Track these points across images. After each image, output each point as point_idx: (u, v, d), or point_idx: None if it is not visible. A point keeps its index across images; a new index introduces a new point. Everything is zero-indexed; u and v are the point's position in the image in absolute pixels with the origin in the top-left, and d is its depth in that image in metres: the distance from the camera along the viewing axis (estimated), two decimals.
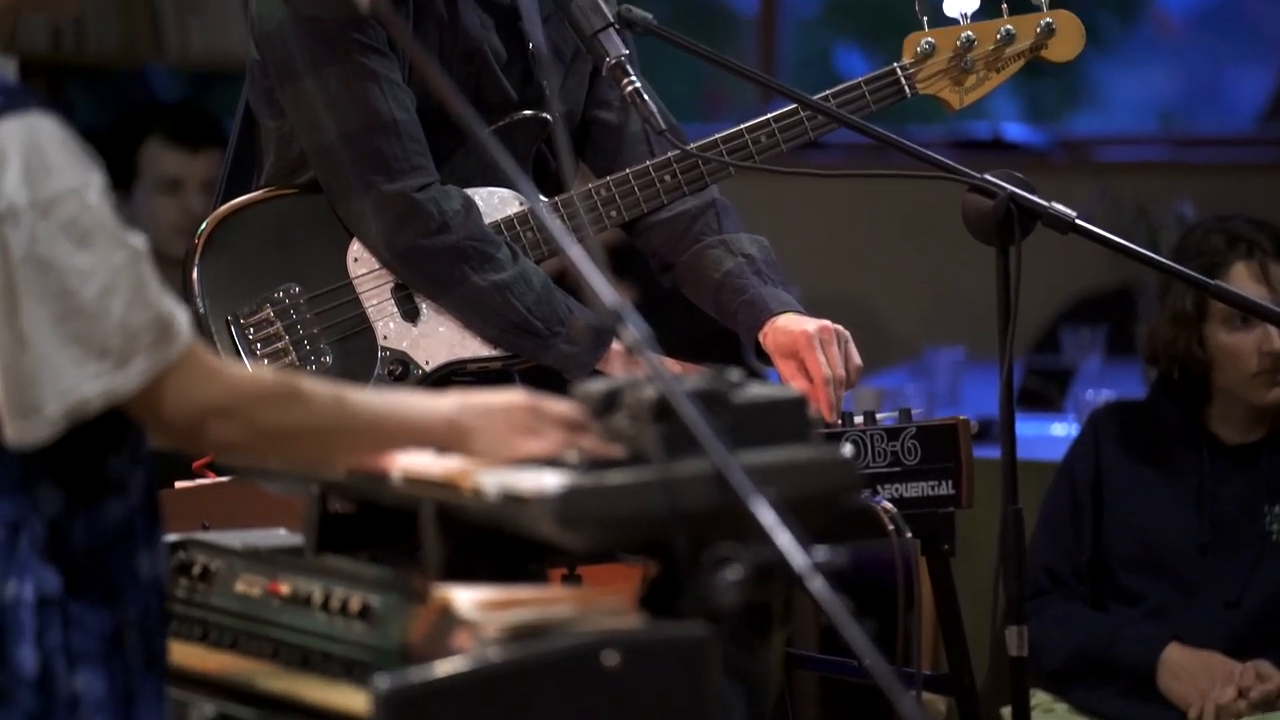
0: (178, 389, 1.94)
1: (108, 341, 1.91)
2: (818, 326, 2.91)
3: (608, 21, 2.89)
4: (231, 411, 1.96)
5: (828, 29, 6.71)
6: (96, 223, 1.91)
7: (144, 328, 1.92)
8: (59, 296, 1.90)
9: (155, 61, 5.80)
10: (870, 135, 2.92)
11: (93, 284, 1.91)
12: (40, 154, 1.90)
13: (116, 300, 1.91)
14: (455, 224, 2.93)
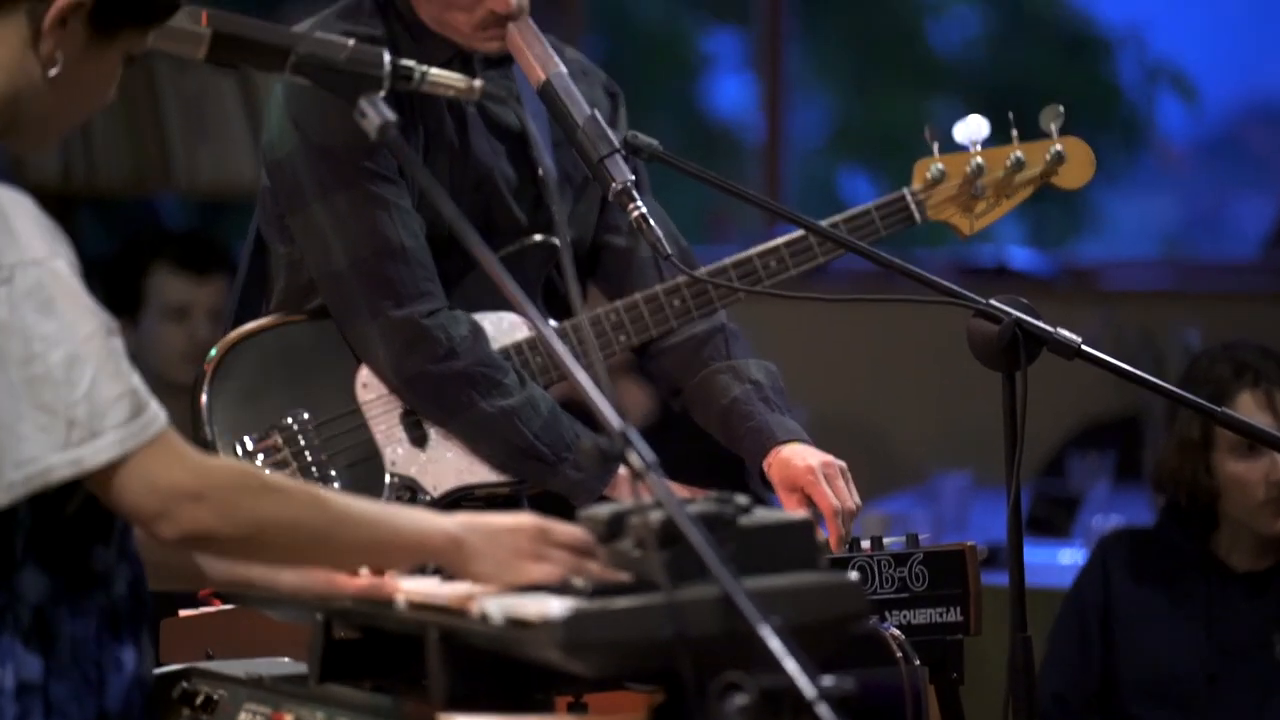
0: (147, 469, 1.92)
1: (75, 412, 1.90)
2: (821, 461, 2.91)
3: (613, 148, 2.91)
4: (203, 496, 1.93)
5: (832, 157, 6.76)
6: (63, 292, 1.91)
7: (114, 402, 1.91)
8: (24, 361, 1.90)
9: (164, 190, 5.83)
10: (877, 262, 2.92)
11: (58, 351, 1.90)
12: (6, 222, 1.91)
13: (84, 370, 1.90)
14: (463, 350, 2.93)
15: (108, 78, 2.05)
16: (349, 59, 2.17)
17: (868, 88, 6.67)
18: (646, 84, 6.45)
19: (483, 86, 2.19)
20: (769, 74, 6.19)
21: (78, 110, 2.06)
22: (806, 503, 2.91)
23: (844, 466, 2.93)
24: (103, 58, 2.03)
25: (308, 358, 3.00)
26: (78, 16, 2.00)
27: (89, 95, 2.05)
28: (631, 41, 6.59)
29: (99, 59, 2.03)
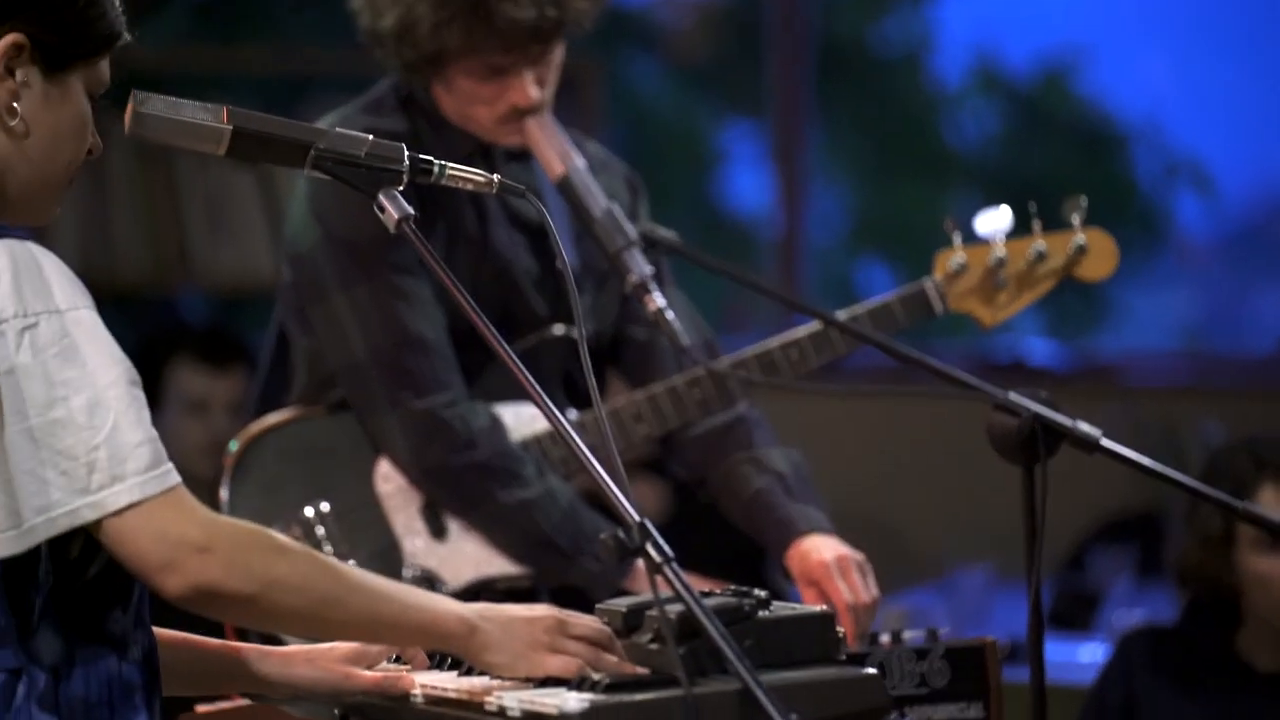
0: (160, 519, 1.92)
1: (96, 456, 1.91)
2: (836, 555, 2.90)
3: (631, 240, 2.92)
4: (211, 549, 1.93)
5: (849, 249, 6.77)
6: (87, 339, 1.92)
7: (134, 449, 1.92)
8: (46, 406, 1.91)
9: (183, 286, 5.86)
10: (896, 355, 2.92)
11: (80, 397, 1.91)
12: (31, 271, 1.93)
13: (105, 416, 1.91)
14: (482, 441, 2.93)
15: (79, 120, 2.05)
16: (369, 154, 2.18)
17: (885, 181, 6.69)
18: (664, 176, 6.47)
19: (500, 180, 2.20)
20: (786, 166, 6.22)
21: (60, 162, 2.05)
22: (823, 597, 2.90)
23: (862, 560, 2.92)
24: (65, 99, 2.03)
25: (327, 450, 3.01)
26: (22, 61, 2.01)
27: (65, 142, 2.05)
28: (649, 134, 6.62)
29: (61, 100, 2.03)
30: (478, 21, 2.89)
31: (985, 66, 6.52)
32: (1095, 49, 6.39)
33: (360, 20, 2.97)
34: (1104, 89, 6.45)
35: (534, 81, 2.95)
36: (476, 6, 2.89)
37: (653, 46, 6.59)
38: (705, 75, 6.63)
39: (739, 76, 6.50)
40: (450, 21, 2.89)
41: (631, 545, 1.98)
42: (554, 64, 2.98)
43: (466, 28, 2.89)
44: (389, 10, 2.93)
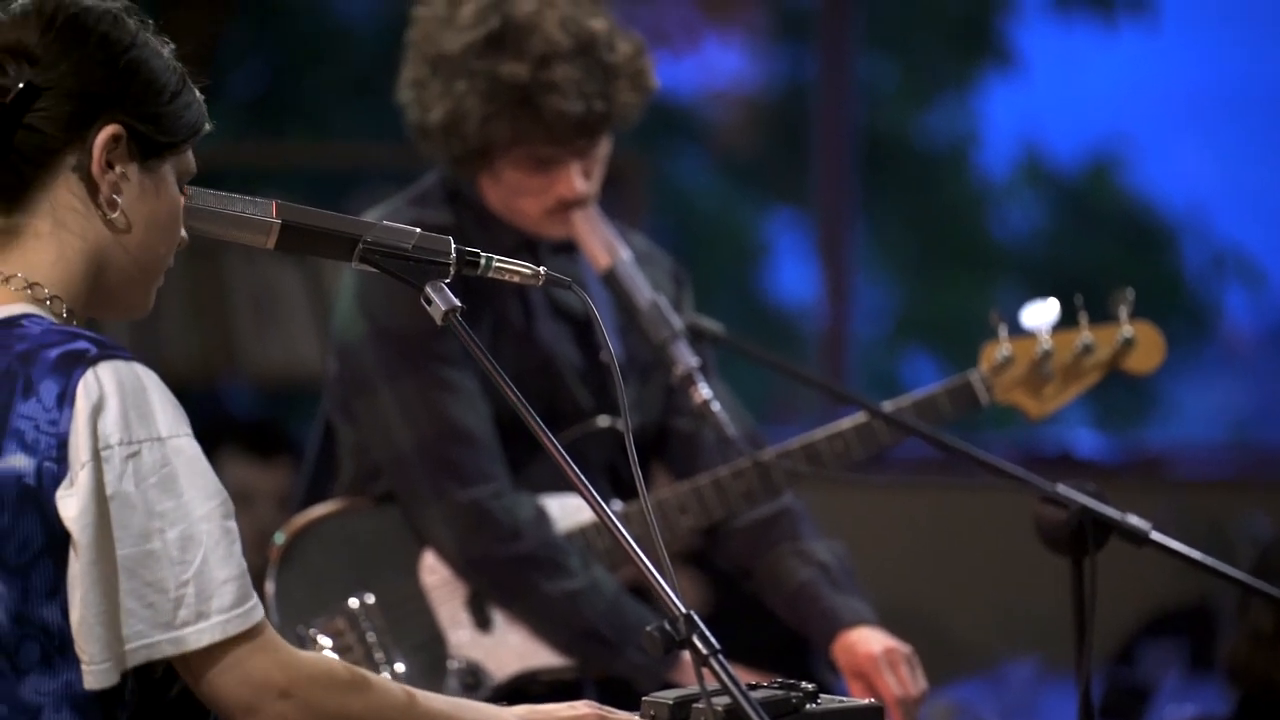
0: (242, 659, 1.94)
1: (184, 592, 1.92)
2: (884, 648, 2.88)
3: (676, 332, 2.92)
4: (290, 693, 1.94)
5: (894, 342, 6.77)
6: (186, 470, 1.93)
7: (221, 585, 1.93)
8: (141, 537, 1.92)
9: (229, 378, 5.88)
10: (943, 447, 2.91)
11: (175, 530, 1.92)
12: (137, 398, 1.93)
13: (197, 551, 1.93)
14: (526, 532, 2.93)
15: (174, 210, 2.07)
16: (416, 246, 2.18)
17: (930, 273, 6.69)
18: (709, 268, 6.48)
19: (546, 273, 2.20)
20: (831, 259, 6.22)
21: (158, 254, 2.06)
22: (870, 690, 2.88)
23: (910, 652, 2.90)
24: (160, 189, 2.05)
25: (372, 542, 3.01)
26: (119, 154, 2.02)
27: (162, 233, 2.06)
28: (694, 227, 6.64)
29: (157, 191, 2.05)
30: (525, 115, 2.91)
31: (1031, 160, 6.52)
32: (1140, 141, 6.40)
33: (408, 114, 2.99)
34: (1150, 181, 6.45)
35: (580, 174, 2.97)
36: (524, 100, 2.91)
37: (698, 140, 6.62)
38: (750, 168, 6.65)
39: (784, 169, 6.52)
40: (498, 115, 2.91)
41: (677, 637, 1.97)
42: (600, 157, 2.99)
43: (514, 121, 2.91)
44: (437, 104, 2.95)
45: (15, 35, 2.01)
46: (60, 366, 1.93)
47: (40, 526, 1.92)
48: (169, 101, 2.04)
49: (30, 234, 2.02)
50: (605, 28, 2.96)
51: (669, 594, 2.00)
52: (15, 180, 2.01)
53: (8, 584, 1.92)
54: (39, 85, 1.99)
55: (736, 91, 6.52)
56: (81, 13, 2.03)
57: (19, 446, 1.92)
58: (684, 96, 6.46)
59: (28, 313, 1.99)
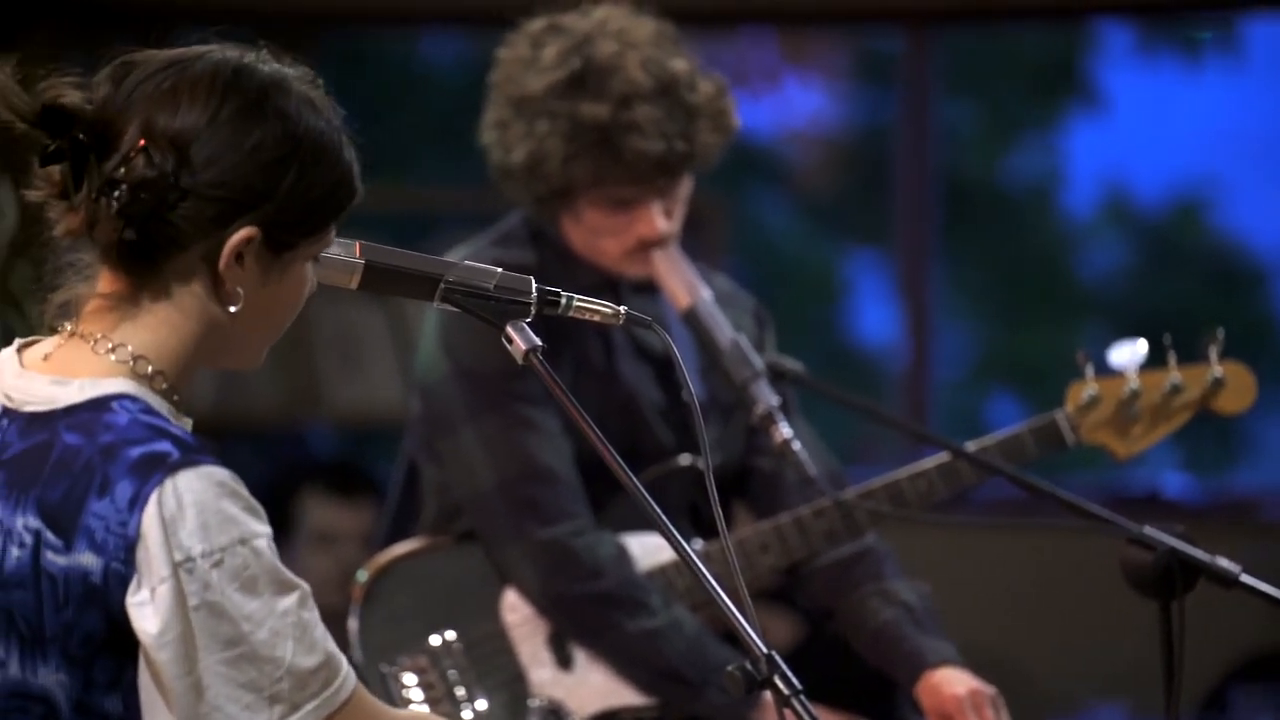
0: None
1: (279, 688, 1.94)
2: (969, 690, 2.86)
3: (757, 372, 2.92)
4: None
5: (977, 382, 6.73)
6: (265, 570, 1.94)
7: (312, 672, 1.95)
8: (231, 642, 1.93)
9: (313, 419, 5.92)
10: (1027, 488, 2.89)
11: (263, 630, 1.93)
12: (215, 505, 1.93)
13: (285, 646, 1.94)
14: (608, 571, 2.92)
15: (298, 289, 2.06)
16: (497, 286, 2.19)
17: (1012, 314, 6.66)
18: (790, 309, 6.48)
19: (627, 312, 2.20)
20: (913, 299, 6.20)
21: (276, 326, 2.07)
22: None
23: (994, 694, 2.88)
24: (286, 274, 2.04)
25: (455, 581, 3.01)
26: (252, 248, 2.01)
27: (284, 309, 2.06)
28: (773, 266, 6.64)
29: (283, 275, 2.04)
30: (607, 155, 2.92)
31: (1115, 200, 6.49)
32: (1226, 182, 6.35)
33: (490, 156, 3.01)
34: (1236, 222, 6.39)
35: (661, 214, 2.97)
36: (606, 141, 2.92)
37: (779, 181, 6.62)
38: (831, 209, 6.64)
39: (865, 210, 6.51)
40: (580, 155, 2.92)
41: (759, 677, 1.96)
42: (681, 197, 3.00)
43: (595, 161, 2.92)
44: (519, 145, 2.96)
45: (178, 118, 1.98)
46: (138, 469, 1.93)
47: (103, 623, 1.93)
48: (314, 199, 2.02)
49: (145, 309, 2.00)
50: (687, 68, 2.96)
51: (750, 633, 1.99)
52: (142, 261, 1.99)
53: (70, 674, 1.94)
54: (183, 187, 1.97)
55: (817, 132, 6.52)
56: (249, 99, 2.00)
57: (89, 545, 1.92)
58: (764, 137, 6.46)
59: (122, 393, 1.98)
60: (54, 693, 1.94)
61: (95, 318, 2.01)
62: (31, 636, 1.94)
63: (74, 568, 1.92)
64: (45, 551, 1.93)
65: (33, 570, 1.94)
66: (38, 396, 1.98)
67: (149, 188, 1.97)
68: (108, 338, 2.00)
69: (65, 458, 1.94)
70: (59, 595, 1.93)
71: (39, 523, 1.93)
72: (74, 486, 1.93)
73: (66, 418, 1.96)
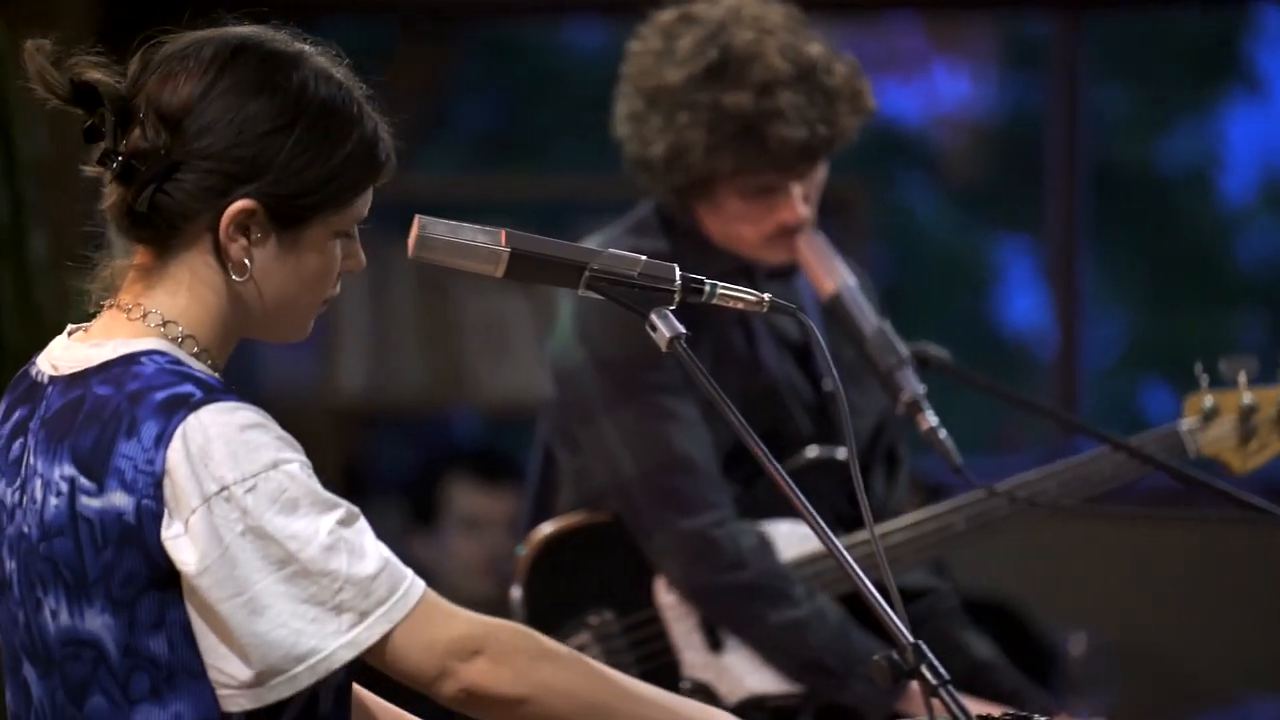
0: (421, 632, 1.96)
1: (341, 598, 1.95)
2: None
3: (903, 359, 2.90)
4: (483, 651, 1.97)
5: (1128, 371, 6.64)
6: (304, 492, 1.96)
7: (373, 578, 1.96)
8: (282, 562, 1.95)
9: (459, 406, 5.96)
10: (1184, 480, 2.85)
11: (311, 547, 1.95)
12: (241, 436, 1.96)
13: (338, 559, 1.95)
14: (750, 561, 2.92)
15: (317, 268, 2.06)
16: (641, 274, 2.18)
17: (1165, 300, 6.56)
18: (937, 295, 6.43)
19: (771, 300, 2.19)
20: (1063, 286, 6.14)
21: (299, 305, 2.07)
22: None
23: None
24: (301, 250, 2.05)
25: (612, 558, 3.02)
26: (255, 221, 2.03)
27: (302, 290, 2.07)
28: (921, 252, 6.59)
29: (298, 251, 2.05)
30: (750, 144, 2.91)
31: (1274, 184, 6.37)
32: None
33: (627, 148, 3.00)
34: None
35: (801, 199, 2.96)
36: (748, 129, 2.90)
37: (926, 167, 6.57)
38: (979, 195, 6.58)
39: (1014, 196, 6.44)
40: (722, 145, 2.91)
41: (906, 667, 1.95)
42: (819, 181, 2.98)
43: (739, 151, 2.91)
44: (658, 138, 2.95)
45: (170, 95, 2.02)
46: (163, 409, 1.97)
47: (142, 562, 1.96)
48: (319, 172, 2.03)
49: (169, 277, 2.05)
50: (822, 52, 2.95)
51: (897, 624, 1.97)
52: (157, 233, 2.04)
53: (115, 616, 1.97)
54: (175, 159, 2.02)
55: (965, 118, 6.46)
56: (247, 73, 2.03)
57: (119, 485, 1.96)
58: (912, 123, 6.42)
59: (151, 349, 2.02)
60: (101, 636, 1.97)
61: (129, 288, 2.06)
62: (75, 582, 1.97)
63: (108, 509, 1.96)
64: (80, 496, 1.97)
65: (70, 516, 1.97)
66: (76, 359, 2.04)
67: (143, 158, 2.01)
68: (140, 305, 2.05)
69: (95, 407, 1.99)
70: (96, 538, 1.96)
71: (73, 470, 1.98)
72: (103, 431, 1.97)
73: (99, 373, 2.01)
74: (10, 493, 2.03)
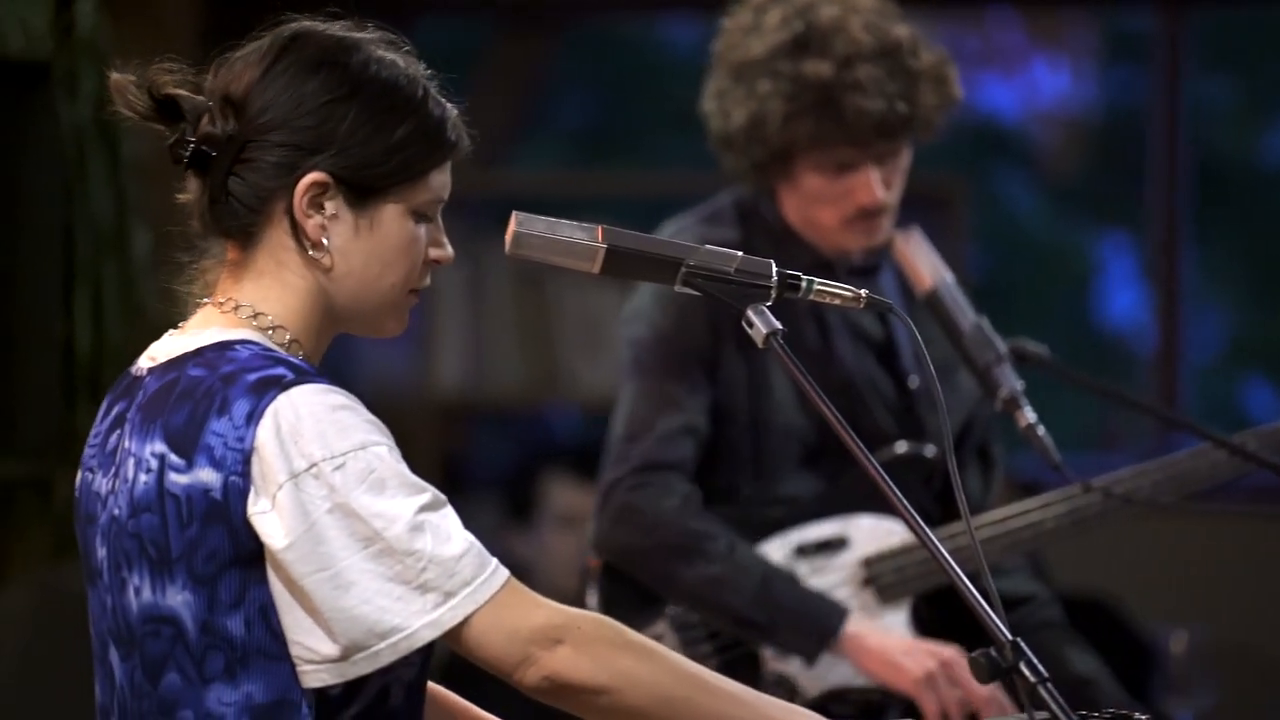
0: (504, 618, 1.97)
1: (426, 577, 1.96)
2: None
3: (1000, 355, 2.88)
4: (564, 639, 1.97)
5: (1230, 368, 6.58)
6: (392, 473, 1.98)
7: (458, 559, 1.97)
8: (369, 540, 1.96)
9: (556, 402, 5.98)
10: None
11: (397, 526, 1.96)
12: (331, 416, 1.98)
13: (423, 539, 1.97)
14: (666, 521, 2.94)
15: (398, 243, 2.08)
16: (738, 270, 2.18)
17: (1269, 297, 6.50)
18: (1036, 291, 6.39)
19: (868, 296, 2.18)
20: (1164, 283, 6.09)
21: (384, 286, 2.09)
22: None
23: None
24: (379, 225, 2.08)
25: None
26: (329, 196, 2.06)
27: (385, 268, 2.09)
28: (1020, 248, 6.56)
29: (375, 227, 2.07)
30: (828, 114, 2.92)
31: None
32: None
33: (711, 124, 3.02)
34: None
35: (880, 182, 2.95)
36: (827, 99, 2.91)
37: (1026, 163, 6.54)
38: (1079, 191, 6.54)
39: (1114, 192, 6.40)
40: (800, 114, 2.92)
41: (1004, 664, 1.94)
42: (900, 167, 2.98)
43: (816, 121, 2.92)
44: (738, 108, 2.97)
45: (233, 83, 2.07)
46: (255, 388, 1.99)
47: (227, 538, 1.98)
48: (386, 143, 2.06)
49: (256, 269, 2.09)
50: (909, 35, 2.96)
51: (994, 619, 1.96)
52: (237, 222, 2.08)
53: (195, 593, 1.99)
54: (242, 139, 2.05)
55: (1065, 113, 6.42)
56: (304, 56, 2.07)
57: (208, 461, 1.98)
58: (1011, 119, 6.39)
59: (246, 338, 2.06)
60: (181, 613, 1.99)
61: (222, 285, 2.10)
62: (159, 558, 2.00)
63: (195, 485, 1.98)
64: (169, 473, 2.00)
65: (158, 493, 2.00)
66: (172, 350, 2.08)
67: (211, 142, 2.05)
68: (232, 299, 2.08)
69: (188, 387, 2.02)
70: (182, 514, 1.99)
71: (164, 447, 2.01)
72: (195, 409, 2.00)
73: (194, 357, 2.05)
74: (105, 482, 2.07)
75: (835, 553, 2.98)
